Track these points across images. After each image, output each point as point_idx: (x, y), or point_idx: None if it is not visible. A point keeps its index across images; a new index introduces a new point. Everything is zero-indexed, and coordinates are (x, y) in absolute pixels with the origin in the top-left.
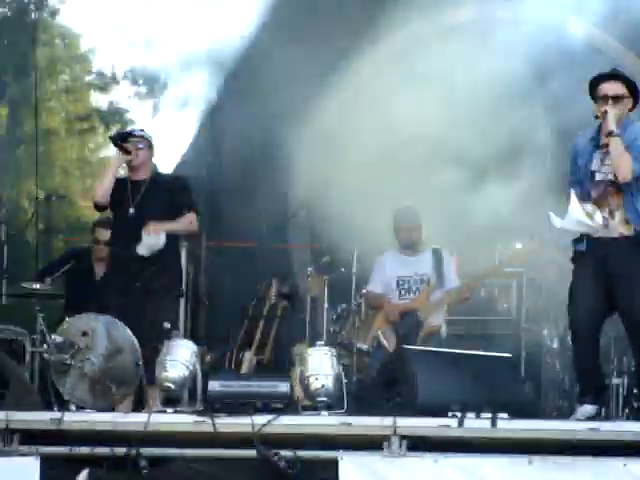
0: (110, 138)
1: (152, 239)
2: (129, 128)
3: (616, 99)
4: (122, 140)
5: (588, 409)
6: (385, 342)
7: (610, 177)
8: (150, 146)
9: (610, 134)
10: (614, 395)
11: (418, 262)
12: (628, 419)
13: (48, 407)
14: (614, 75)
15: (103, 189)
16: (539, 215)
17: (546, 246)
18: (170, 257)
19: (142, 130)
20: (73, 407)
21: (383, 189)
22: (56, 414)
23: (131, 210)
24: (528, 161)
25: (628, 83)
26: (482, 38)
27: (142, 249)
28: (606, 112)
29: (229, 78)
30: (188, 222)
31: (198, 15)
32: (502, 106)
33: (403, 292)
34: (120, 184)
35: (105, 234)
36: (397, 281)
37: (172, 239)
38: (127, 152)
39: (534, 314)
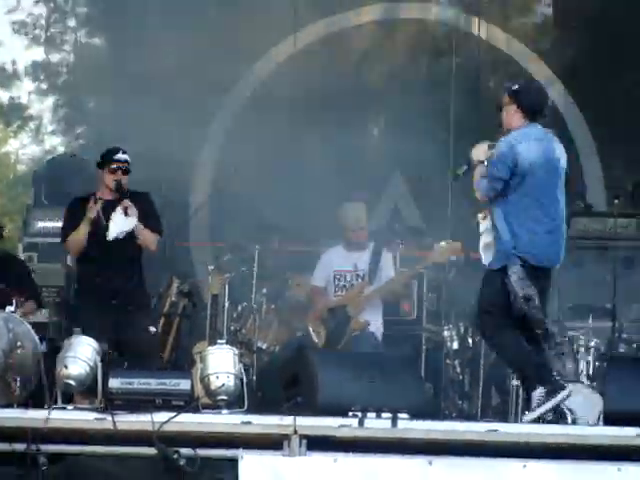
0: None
1: (126, 220)
2: (114, 155)
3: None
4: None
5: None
6: (315, 337)
7: None
8: None
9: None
10: (514, 397)
11: (359, 258)
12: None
13: None
14: None
15: (80, 244)
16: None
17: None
18: (141, 275)
19: (123, 152)
20: None
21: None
22: None
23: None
24: None
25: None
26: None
27: (114, 231)
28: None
29: None
30: (154, 241)
31: None
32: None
33: (337, 288)
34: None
35: None
36: (334, 275)
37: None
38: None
39: (435, 315)
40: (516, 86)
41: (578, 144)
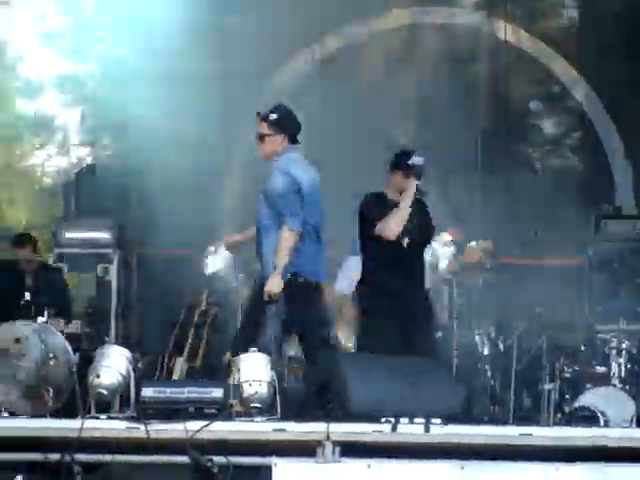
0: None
1: None
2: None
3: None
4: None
5: None
6: (345, 345)
7: None
8: None
9: None
10: (546, 400)
11: None
12: (560, 424)
13: None
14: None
15: (401, 226)
16: None
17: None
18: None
19: (418, 155)
20: (5, 413)
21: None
22: None
23: (408, 234)
24: None
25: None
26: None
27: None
28: None
29: None
30: None
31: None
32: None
33: None
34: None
35: (22, 253)
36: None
37: None
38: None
39: (466, 320)
40: (275, 115)
41: (606, 146)
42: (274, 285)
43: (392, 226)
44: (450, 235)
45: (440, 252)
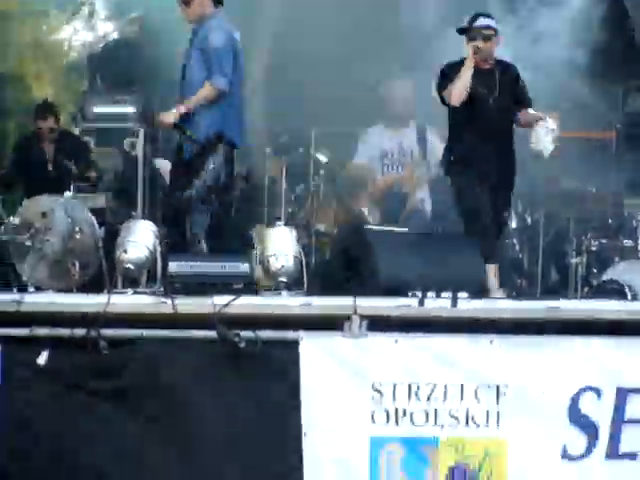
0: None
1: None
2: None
3: None
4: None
5: None
6: (370, 218)
7: None
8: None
9: None
10: (573, 274)
11: (403, 136)
12: (587, 298)
13: (7, 289)
14: None
15: (463, 92)
16: None
17: None
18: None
19: (486, 17)
20: (32, 288)
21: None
22: (15, 295)
23: (491, 100)
24: None
25: None
26: None
27: None
28: None
29: None
30: None
31: None
32: None
33: (386, 167)
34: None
35: (45, 124)
36: (380, 154)
37: None
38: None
39: None
40: None
41: (632, 14)
42: (169, 116)
43: (453, 91)
44: (554, 120)
45: (545, 140)
